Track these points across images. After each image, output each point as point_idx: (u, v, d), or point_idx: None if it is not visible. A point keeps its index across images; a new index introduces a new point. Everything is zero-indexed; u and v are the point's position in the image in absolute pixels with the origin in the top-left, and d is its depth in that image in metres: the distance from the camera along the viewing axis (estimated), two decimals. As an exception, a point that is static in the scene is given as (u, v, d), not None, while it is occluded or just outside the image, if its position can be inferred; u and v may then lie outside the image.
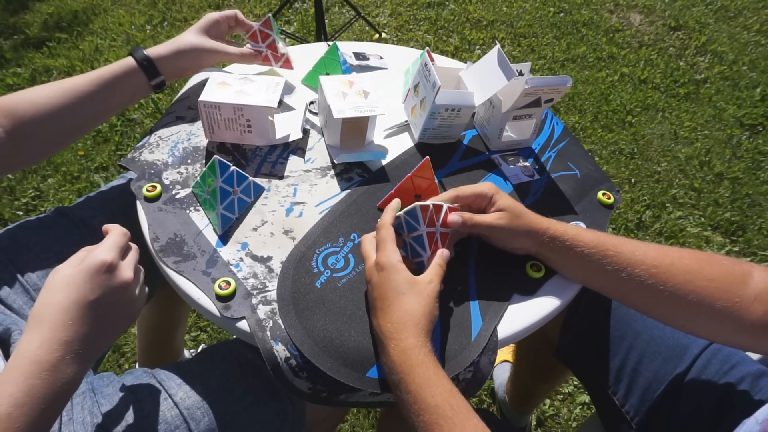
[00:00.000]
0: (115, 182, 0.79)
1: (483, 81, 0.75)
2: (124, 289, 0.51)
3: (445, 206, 0.57)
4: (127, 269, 0.51)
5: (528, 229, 0.58)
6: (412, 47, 1.74)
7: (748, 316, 0.50)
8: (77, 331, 0.46)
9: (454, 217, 0.58)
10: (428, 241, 0.57)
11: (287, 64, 0.85)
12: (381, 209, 0.69)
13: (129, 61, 0.71)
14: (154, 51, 0.72)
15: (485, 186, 0.61)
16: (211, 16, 0.78)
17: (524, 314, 0.61)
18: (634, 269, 0.54)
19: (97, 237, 0.71)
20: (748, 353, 0.71)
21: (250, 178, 0.64)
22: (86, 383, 0.59)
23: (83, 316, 0.47)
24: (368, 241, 0.57)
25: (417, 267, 0.58)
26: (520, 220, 0.58)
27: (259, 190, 0.65)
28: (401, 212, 0.57)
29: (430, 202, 0.57)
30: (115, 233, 0.53)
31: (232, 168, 0.63)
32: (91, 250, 0.51)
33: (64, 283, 0.48)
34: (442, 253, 0.57)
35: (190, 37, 0.75)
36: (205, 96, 0.69)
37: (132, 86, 0.72)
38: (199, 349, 1.27)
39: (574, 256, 0.57)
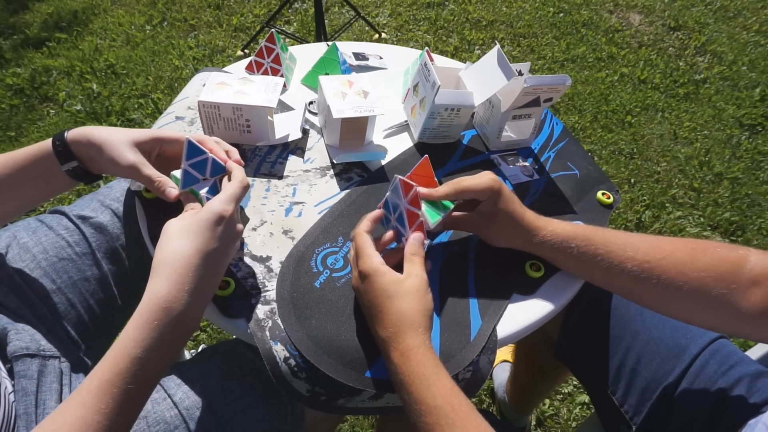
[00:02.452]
0: (115, 182, 0.79)
1: (482, 81, 0.75)
2: (236, 239, 0.53)
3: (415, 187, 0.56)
4: (238, 221, 0.54)
5: (517, 231, 0.60)
6: (411, 47, 1.74)
7: (744, 302, 0.50)
8: (200, 277, 0.48)
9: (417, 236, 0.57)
10: (408, 221, 0.56)
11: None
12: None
13: (45, 144, 0.58)
14: (73, 131, 0.59)
15: (486, 179, 0.59)
16: (155, 134, 0.62)
17: (523, 314, 0.61)
18: (626, 265, 0.55)
19: (98, 237, 0.72)
20: (747, 353, 0.71)
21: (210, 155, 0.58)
22: None
23: (202, 264, 0.48)
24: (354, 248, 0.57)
25: (397, 241, 0.59)
26: (511, 222, 0.59)
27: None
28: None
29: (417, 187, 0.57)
30: (234, 185, 0.55)
31: (208, 155, 0.58)
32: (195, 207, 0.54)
33: (185, 231, 0.49)
34: (415, 239, 0.55)
35: (117, 135, 0.59)
36: (204, 96, 0.69)
37: (41, 171, 0.59)
38: (199, 350, 1.27)
39: (566, 256, 0.58)
